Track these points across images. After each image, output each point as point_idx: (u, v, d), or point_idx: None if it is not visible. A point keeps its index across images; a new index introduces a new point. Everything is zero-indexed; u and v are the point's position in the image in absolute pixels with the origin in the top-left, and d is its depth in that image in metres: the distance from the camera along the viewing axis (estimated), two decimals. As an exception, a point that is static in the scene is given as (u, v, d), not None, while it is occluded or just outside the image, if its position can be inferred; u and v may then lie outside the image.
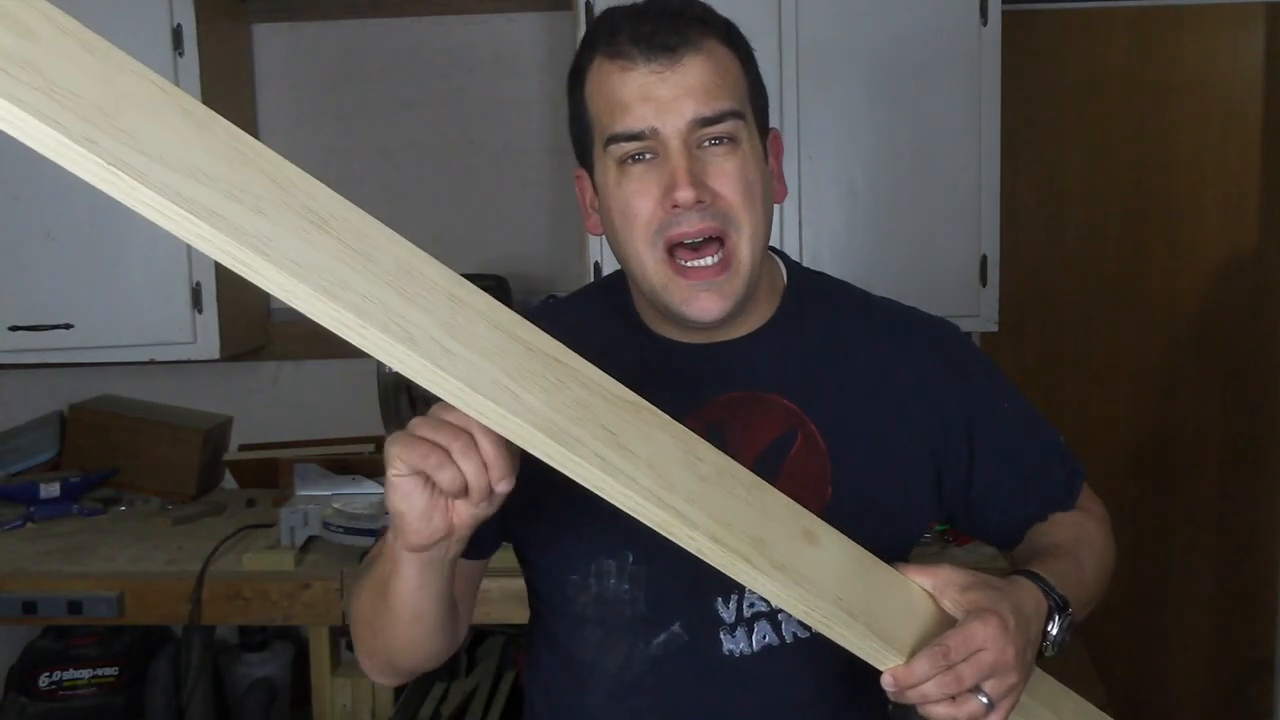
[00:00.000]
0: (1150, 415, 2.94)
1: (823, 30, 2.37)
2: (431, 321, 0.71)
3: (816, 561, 0.85)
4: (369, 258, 0.70)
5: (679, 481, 0.79)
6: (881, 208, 2.42)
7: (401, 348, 0.69)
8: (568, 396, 0.77)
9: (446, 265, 0.75)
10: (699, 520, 0.79)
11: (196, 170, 0.64)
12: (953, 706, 0.87)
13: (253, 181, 0.67)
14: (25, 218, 2.43)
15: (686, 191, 0.96)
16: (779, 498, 0.86)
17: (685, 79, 0.97)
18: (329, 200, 0.70)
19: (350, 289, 0.68)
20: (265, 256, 0.65)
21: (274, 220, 0.66)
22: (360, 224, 0.70)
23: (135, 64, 0.65)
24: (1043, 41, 2.80)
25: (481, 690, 2.43)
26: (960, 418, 1.10)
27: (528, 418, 0.74)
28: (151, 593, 2.22)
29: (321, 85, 2.81)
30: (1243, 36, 2.82)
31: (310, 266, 0.67)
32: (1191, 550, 2.96)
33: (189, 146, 0.64)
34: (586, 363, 0.80)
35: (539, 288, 2.75)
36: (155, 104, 0.64)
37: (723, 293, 1.00)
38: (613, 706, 1.09)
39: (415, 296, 0.71)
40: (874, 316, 1.15)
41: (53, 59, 0.62)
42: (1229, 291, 2.88)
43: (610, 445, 0.77)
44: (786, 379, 1.08)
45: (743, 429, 1.06)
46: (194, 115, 0.65)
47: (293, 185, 0.69)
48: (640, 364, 1.07)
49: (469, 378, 0.72)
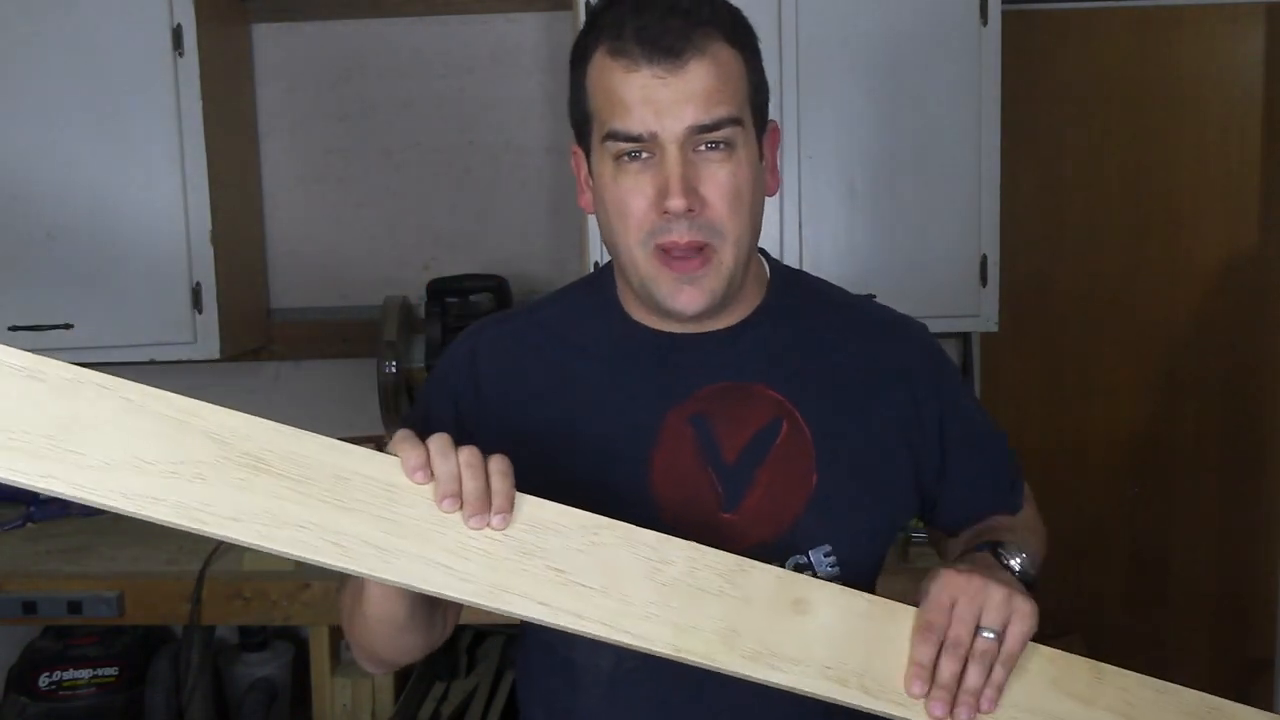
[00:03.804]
0: (1150, 416, 2.94)
1: (823, 30, 2.36)
2: (367, 526, 0.79)
3: (803, 633, 0.87)
4: (305, 480, 0.79)
5: (636, 597, 0.84)
6: (881, 208, 2.42)
7: (342, 562, 0.79)
8: (512, 548, 0.82)
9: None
10: (655, 635, 0.84)
11: (139, 460, 0.75)
12: (972, 666, 0.88)
13: (192, 448, 0.77)
14: (25, 218, 2.42)
15: (678, 200, 0.98)
16: (766, 574, 0.88)
17: (687, 85, 0.98)
18: (266, 436, 0.79)
19: (286, 524, 0.78)
20: (203, 523, 0.76)
21: (211, 482, 0.76)
22: (297, 448, 0.79)
23: (75, 371, 0.75)
24: (1043, 41, 2.80)
25: (481, 690, 2.43)
26: (934, 414, 1.14)
27: (467, 590, 0.81)
28: (151, 593, 2.22)
29: (321, 85, 2.81)
30: (1243, 36, 2.82)
31: (248, 515, 0.77)
32: (1191, 550, 2.96)
33: (131, 438, 0.75)
34: (542, 502, 0.84)
35: (539, 288, 2.75)
36: (99, 406, 0.75)
37: (703, 288, 1.03)
38: (608, 706, 1.10)
39: (351, 504, 0.79)
40: (852, 312, 1.19)
41: (2, 399, 0.73)
42: (1229, 292, 2.88)
43: (556, 585, 0.83)
44: (771, 369, 1.11)
45: (728, 419, 1.08)
46: (133, 401, 0.76)
47: (232, 434, 0.78)
48: (625, 354, 1.12)
49: (406, 572, 0.80)
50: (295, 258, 2.85)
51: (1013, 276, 2.52)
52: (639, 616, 0.84)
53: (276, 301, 2.87)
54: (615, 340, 1.12)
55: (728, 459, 1.08)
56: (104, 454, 0.74)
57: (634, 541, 0.85)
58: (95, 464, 0.74)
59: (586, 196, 1.10)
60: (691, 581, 0.85)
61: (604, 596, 0.83)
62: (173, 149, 2.43)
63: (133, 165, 2.42)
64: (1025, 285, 2.80)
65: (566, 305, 1.19)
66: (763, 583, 0.88)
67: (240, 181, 2.71)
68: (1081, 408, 2.93)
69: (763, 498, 1.07)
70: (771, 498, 1.07)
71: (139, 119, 2.41)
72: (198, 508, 0.76)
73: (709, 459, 1.07)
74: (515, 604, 0.82)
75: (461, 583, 0.80)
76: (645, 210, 1.01)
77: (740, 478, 1.07)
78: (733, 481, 1.07)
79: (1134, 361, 2.92)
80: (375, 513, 0.80)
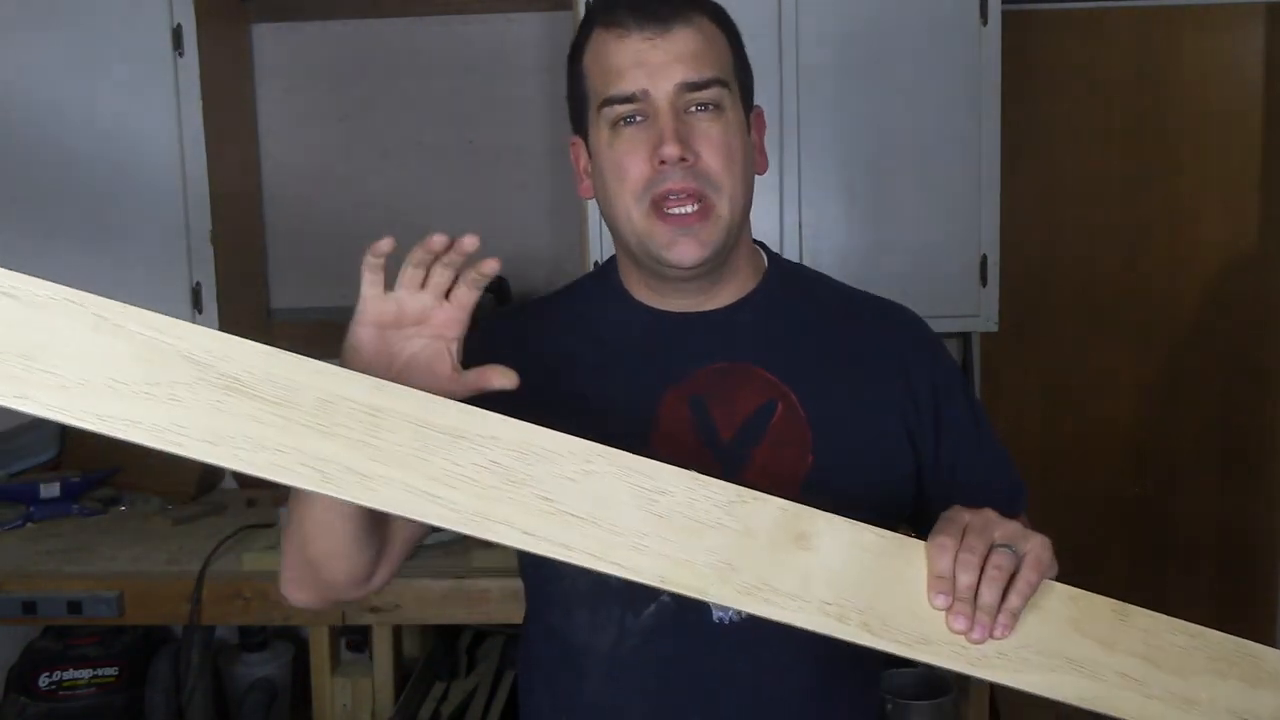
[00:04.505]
0: (1150, 415, 2.94)
1: (822, 30, 2.36)
2: (350, 451, 0.77)
3: (804, 568, 0.85)
4: (286, 403, 0.77)
5: (627, 528, 0.81)
6: (881, 208, 2.42)
7: (323, 488, 0.77)
8: (499, 476, 0.80)
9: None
10: (644, 566, 0.82)
11: (114, 381, 0.73)
12: (987, 582, 0.85)
13: (168, 369, 0.75)
14: (25, 218, 2.43)
15: (672, 148, 1.03)
16: (770, 505, 0.85)
17: (675, 46, 1.05)
18: (248, 356, 0.77)
19: (264, 447, 0.75)
20: (179, 446, 0.74)
21: (188, 404, 0.75)
22: (278, 369, 0.77)
23: (50, 288, 0.74)
24: (1043, 41, 2.80)
25: (481, 690, 2.43)
26: (928, 400, 1.15)
27: (452, 518, 0.79)
28: (151, 593, 2.22)
29: (321, 85, 2.81)
30: (1243, 36, 2.82)
31: (225, 438, 0.75)
32: (1192, 550, 2.96)
33: (106, 357, 0.73)
34: (529, 426, 0.82)
35: (539, 288, 2.75)
36: (74, 325, 0.74)
37: (700, 240, 1.06)
38: (610, 687, 1.11)
39: (334, 428, 0.77)
40: (850, 299, 1.21)
41: None
42: (1229, 292, 2.88)
43: (544, 514, 0.80)
44: (766, 351, 1.13)
45: (725, 399, 1.10)
46: (108, 320, 0.74)
47: (209, 355, 0.76)
48: (623, 336, 1.14)
49: (388, 498, 0.78)
50: (295, 258, 2.85)
51: (1013, 276, 2.52)
52: (628, 547, 0.81)
53: (276, 301, 2.87)
54: (614, 322, 1.16)
55: (724, 438, 1.09)
56: (78, 374, 0.72)
57: (630, 470, 0.83)
58: (69, 384, 0.72)
59: (585, 184, 1.14)
60: (689, 513, 0.83)
61: (593, 526, 0.81)
62: (173, 149, 2.43)
63: (133, 165, 2.42)
64: (1025, 285, 2.80)
65: (572, 294, 1.23)
66: (765, 515, 0.85)
67: (240, 181, 2.71)
68: (1081, 408, 2.93)
69: (758, 478, 1.06)
70: (767, 478, 1.07)
71: (139, 119, 2.42)
72: (173, 430, 0.74)
73: (706, 438, 1.09)
74: (500, 532, 0.79)
75: (446, 510, 0.79)
76: (641, 167, 1.05)
77: (736, 457, 1.08)
78: (730, 459, 1.08)
79: (1134, 361, 2.92)
80: (358, 438, 0.77)
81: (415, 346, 0.95)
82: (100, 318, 0.74)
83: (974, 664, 0.86)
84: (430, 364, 0.95)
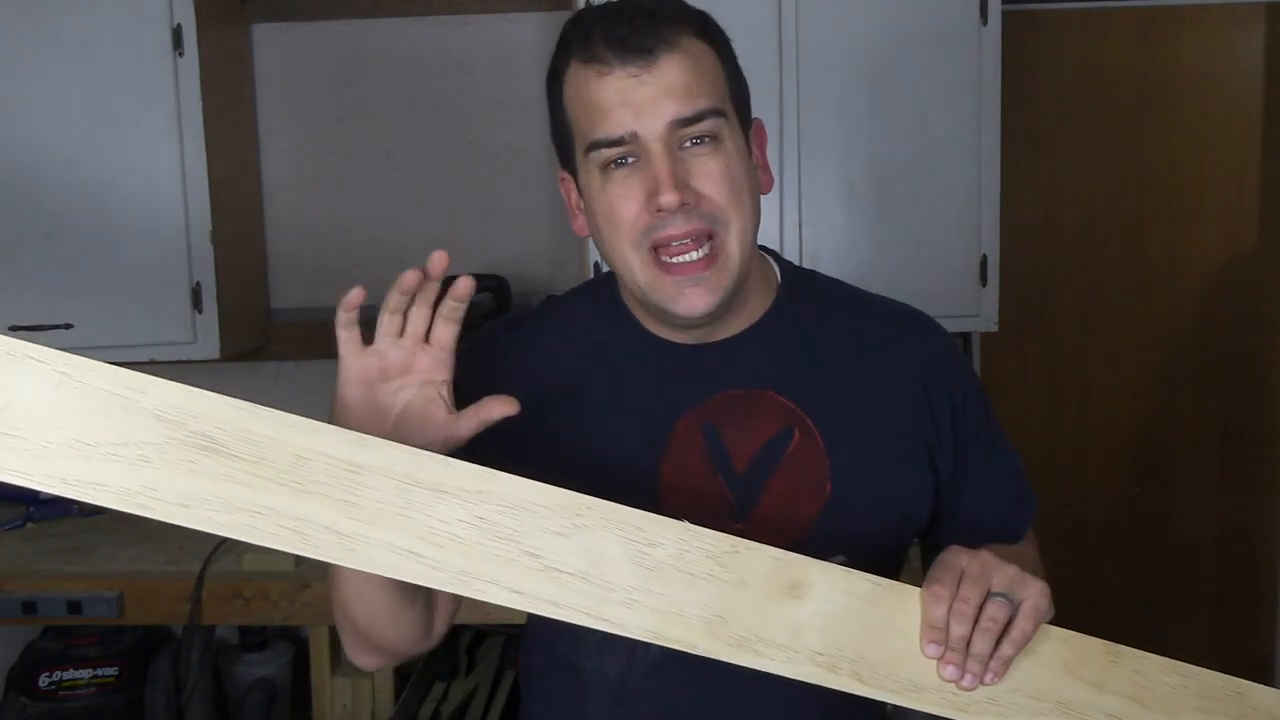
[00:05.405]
0: (1150, 415, 2.94)
1: (822, 30, 2.36)
2: (328, 510, 0.75)
3: (796, 618, 0.84)
4: (260, 461, 0.74)
5: (618, 582, 0.80)
6: (881, 208, 2.42)
7: (302, 550, 0.75)
8: (485, 532, 0.78)
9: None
10: (634, 622, 0.80)
11: (79, 443, 0.70)
12: (979, 632, 0.85)
13: (137, 428, 0.71)
14: (25, 218, 2.42)
15: (670, 196, 0.95)
16: (763, 555, 0.84)
17: (663, 80, 0.96)
18: (218, 414, 0.73)
19: (239, 509, 0.73)
20: (149, 509, 0.71)
21: (158, 465, 0.71)
22: (251, 426, 0.74)
23: (9, 343, 0.70)
24: (1043, 41, 2.80)
25: (481, 690, 2.43)
26: (947, 415, 1.11)
27: (438, 577, 0.77)
28: (151, 593, 2.22)
29: (321, 85, 2.81)
30: (1243, 36, 2.82)
31: (197, 500, 0.72)
32: (1192, 550, 2.96)
33: (70, 417, 0.70)
34: (516, 480, 0.79)
35: (539, 288, 2.75)
36: (38, 380, 0.70)
37: (710, 287, 0.99)
38: (617, 710, 1.09)
39: (311, 486, 0.74)
40: (867, 313, 1.15)
41: None
42: (1229, 292, 2.88)
43: (532, 571, 0.78)
44: (782, 376, 1.08)
45: (739, 427, 1.06)
46: (72, 377, 0.70)
47: (180, 413, 0.73)
48: (636, 363, 1.09)
49: (370, 558, 0.76)
50: (295, 258, 2.85)
51: (1013, 276, 2.52)
52: (619, 603, 0.80)
53: (276, 301, 2.87)
54: (626, 349, 1.10)
55: (738, 467, 1.05)
56: (40, 436, 0.70)
57: (619, 523, 0.81)
58: (33, 447, 0.70)
59: (579, 220, 1.07)
60: (679, 565, 0.81)
61: (582, 582, 0.79)
62: (173, 149, 2.42)
63: (133, 165, 2.42)
64: (1025, 285, 2.80)
65: (577, 311, 1.17)
66: (758, 565, 0.84)
67: (240, 181, 2.71)
68: (1081, 407, 2.93)
69: (775, 506, 1.05)
70: (784, 506, 1.05)
71: (139, 119, 2.41)
72: (143, 493, 0.71)
73: (719, 467, 1.05)
74: (488, 591, 0.77)
75: (430, 570, 0.76)
76: (637, 213, 0.98)
77: (752, 486, 1.05)
78: (744, 490, 1.05)
79: (1134, 361, 2.92)
80: (337, 495, 0.75)
81: (406, 397, 0.91)
82: (64, 375, 0.71)
83: (964, 710, 0.87)
84: (424, 412, 0.91)
